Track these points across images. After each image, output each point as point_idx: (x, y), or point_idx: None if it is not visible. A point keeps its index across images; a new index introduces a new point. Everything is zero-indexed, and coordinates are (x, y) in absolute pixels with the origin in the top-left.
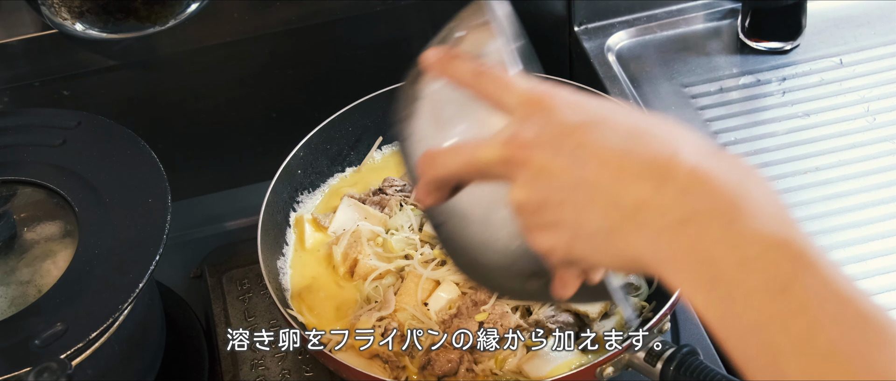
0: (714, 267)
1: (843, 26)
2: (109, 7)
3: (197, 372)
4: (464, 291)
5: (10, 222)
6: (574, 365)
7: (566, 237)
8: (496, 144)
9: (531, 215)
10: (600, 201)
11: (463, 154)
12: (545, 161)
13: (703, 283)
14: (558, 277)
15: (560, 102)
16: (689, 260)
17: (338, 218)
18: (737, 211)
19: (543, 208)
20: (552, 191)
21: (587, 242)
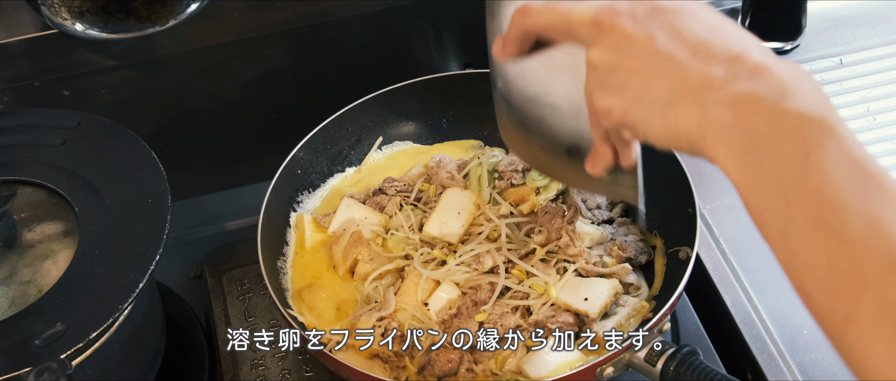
0: (754, 138)
1: (843, 26)
2: (109, 7)
3: (197, 372)
4: (464, 291)
5: (10, 222)
6: (574, 365)
7: (627, 101)
8: (591, 8)
9: (603, 74)
10: (670, 74)
11: (558, 12)
12: (631, 30)
13: (740, 150)
14: (594, 151)
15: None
16: (732, 132)
17: (338, 218)
18: (786, 94)
19: (616, 69)
20: (629, 57)
21: (645, 109)
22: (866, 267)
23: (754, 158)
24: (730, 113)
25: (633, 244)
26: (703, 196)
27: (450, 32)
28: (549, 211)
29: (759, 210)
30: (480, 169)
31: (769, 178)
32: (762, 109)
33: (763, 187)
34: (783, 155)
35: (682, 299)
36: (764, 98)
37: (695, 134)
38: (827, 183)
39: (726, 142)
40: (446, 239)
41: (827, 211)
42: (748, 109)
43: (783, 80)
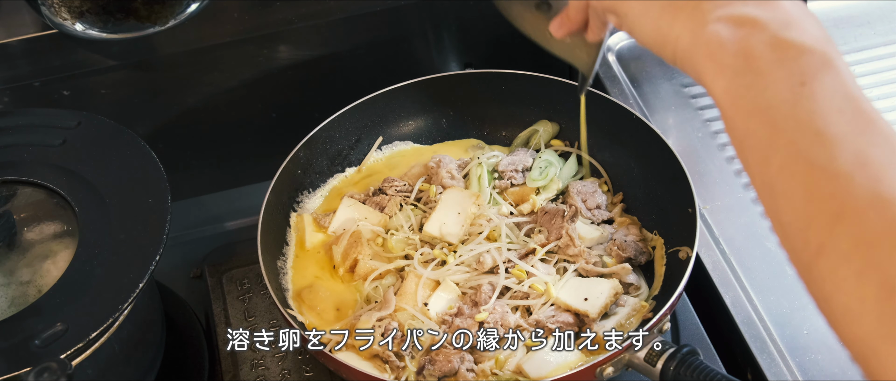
0: (749, 60)
1: (843, 26)
2: (109, 7)
3: (197, 372)
4: (464, 291)
5: (10, 222)
6: (574, 365)
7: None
8: None
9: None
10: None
11: None
12: None
13: (731, 71)
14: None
15: None
16: (727, 49)
17: (338, 218)
18: (790, 25)
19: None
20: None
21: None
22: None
23: (746, 80)
24: (729, 30)
25: (633, 244)
26: (703, 196)
27: (450, 32)
28: (549, 211)
29: (743, 133)
30: (480, 169)
31: (758, 102)
32: (763, 34)
33: (750, 110)
34: (777, 82)
35: (682, 299)
36: (766, 24)
37: (685, 43)
38: (818, 114)
39: (718, 59)
40: (446, 239)
41: (814, 141)
42: (749, 31)
43: (789, 12)
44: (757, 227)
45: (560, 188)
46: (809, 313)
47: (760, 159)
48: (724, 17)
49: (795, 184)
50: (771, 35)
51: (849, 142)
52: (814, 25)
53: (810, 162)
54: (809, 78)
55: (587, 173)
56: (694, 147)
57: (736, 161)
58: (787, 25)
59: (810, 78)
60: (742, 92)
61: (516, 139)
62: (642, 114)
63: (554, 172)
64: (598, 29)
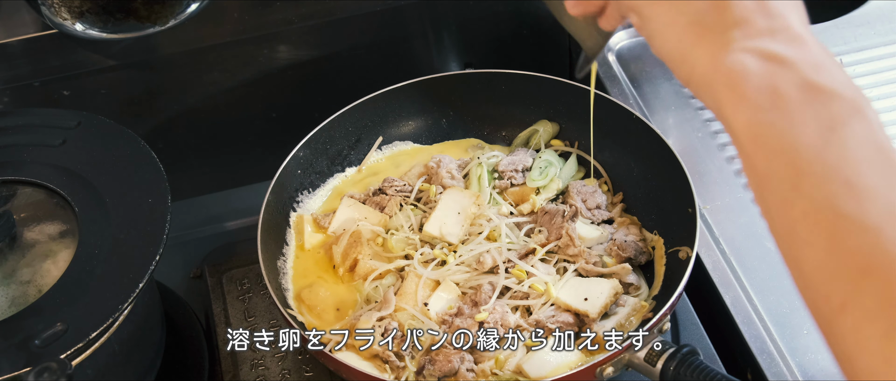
0: (775, 97)
1: (843, 26)
2: (109, 7)
3: (197, 372)
4: (464, 291)
5: (10, 222)
6: (574, 365)
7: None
8: None
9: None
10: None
11: None
12: None
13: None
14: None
15: None
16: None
17: (338, 218)
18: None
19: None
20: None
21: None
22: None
23: (770, 118)
24: (756, 63)
25: (633, 244)
26: (703, 196)
27: (450, 32)
28: (549, 211)
29: (764, 173)
30: (480, 169)
31: (783, 142)
32: (792, 74)
33: (773, 150)
34: (805, 124)
35: (682, 299)
36: (796, 64)
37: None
38: (847, 162)
39: (740, 91)
40: (446, 239)
41: (843, 189)
42: (778, 68)
43: (818, 55)
44: (757, 227)
45: (560, 188)
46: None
47: (782, 202)
48: (751, 49)
49: (819, 233)
50: (800, 76)
51: (879, 194)
52: (841, 71)
53: (837, 211)
54: (839, 124)
55: (592, 180)
56: (694, 147)
57: (736, 161)
58: (817, 68)
59: (840, 124)
60: (765, 129)
61: (516, 139)
62: (642, 114)
63: (554, 172)
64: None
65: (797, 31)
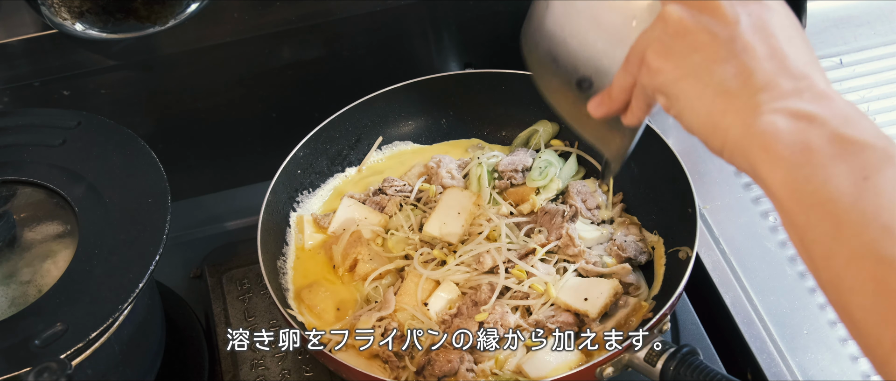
0: (808, 153)
1: (843, 26)
2: (109, 7)
3: (197, 372)
4: (464, 291)
5: (10, 222)
6: (574, 365)
7: (682, 71)
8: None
9: (670, 33)
10: (737, 65)
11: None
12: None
13: (789, 163)
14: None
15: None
16: (785, 142)
17: (338, 218)
18: (849, 123)
19: (687, 35)
20: (706, 29)
21: (697, 88)
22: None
23: (805, 173)
24: (786, 123)
25: (633, 244)
26: (703, 196)
27: (450, 32)
28: (549, 211)
29: (803, 227)
30: (480, 169)
31: (819, 195)
32: (822, 129)
33: (810, 204)
34: (838, 175)
35: (682, 299)
36: (825, 120)
37: (737, 133)
38: (884, 208)
39: (774, 151)
40: (446, 239)
41: (882, 235)
42: (807, 125)
43: (845, 110)
44: (757, 227)
45: (560, 188)
46: (809, 313)
47: (824, 253)
48: (781, 110)
49: (865, 279)
50: (830, 130)
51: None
52: (871, 124)
53: (879, 257)
54: (872, 172)
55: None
56: (694, 147)
57: None
58: (846, 121)
59: (873, 172)
60: (801, 185)
61: (516, 139)
62: None
63: (554, 172)
64: (639, 111)
65: (822, 88)
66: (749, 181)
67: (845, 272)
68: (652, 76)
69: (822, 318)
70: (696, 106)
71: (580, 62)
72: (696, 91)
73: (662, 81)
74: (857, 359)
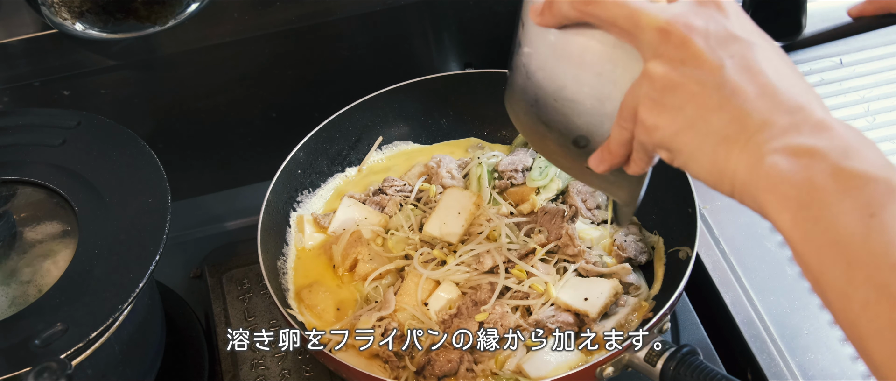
0: (812, 192)
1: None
2: (109, 7)
3: (197, 372)
4: (464, 291)
5: (10, 222)
6: (574, 365)
7: (678, 125)
8: (664, 14)
9: (659, 90)
10: (731, 110)
11: (626, 7)
12: (702, 51)
13: (795, 203)
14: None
15: (732, 10)
16: (788, 182)
17: (338, 218)
18: (849, 154)
19: (676, 89)
20: (693, 80)
21: (696, 139)
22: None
23: (812, 213)
24: (788, 162)
25: (633, 244)
26: (703, 196)
27: (450, 32)
28: (549, 211)
29: (817, 270)
30: (480, 169)
31: (828, 236)
32: (824, 164)
33: (821, 245)
34: (845, 213)
35: (682, 299)
36: (826, 153)
37: (743, 178)
38: (893, 246)
39: (780, 192)
40: (446, 239)
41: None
42: (809, 161)
43: (846, 139)
44: (757, 227)
45: (560, 188)
46: (809, 313)
47: (840, 296)
48: (781, 149)
49: (882, 325)
50: (832, 164)
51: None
52: (873, 151)
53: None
54: (878, 208)
55: None
56: None
57: None
58: (847, 154)
59: (879, 208)
60: (810, 225)
61: (516, 139)
62: None
63: (554, 172)
64: (642, 162)
65: (819, 117)
66: None
67: (862, 317)
68: (649, 134)
69: (822, 318)
70: (699, 157)
71: (571, 123)
72: (696, 143)
73: (660, 138)
74: (857, 359)
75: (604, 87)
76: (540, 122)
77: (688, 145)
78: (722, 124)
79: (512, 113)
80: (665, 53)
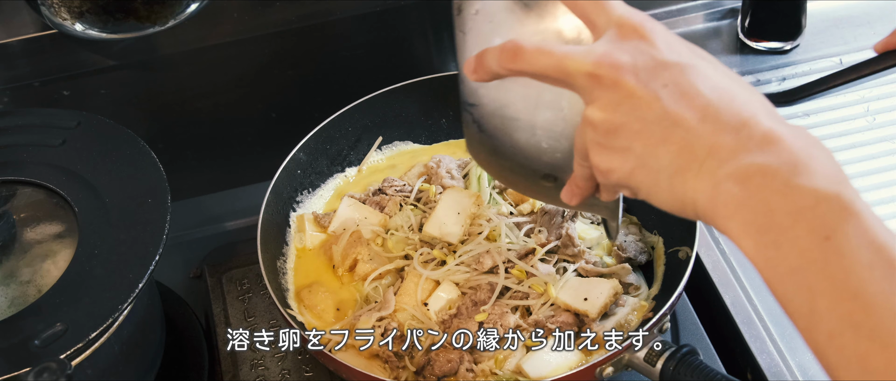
0: (768, 215)
1: (843, 26)
2: (109, 7)
3: (197, 372)
4: (463, 291)
5: (10, 222)
6: (574, 365)
7: (630, 164)
8: (589, 58)
9: (602, 134)
10: (676, 140)
11: (553, 57)
12: (634, 88)
13: (754, 229)
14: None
15: (657, 34)
16: (745, 207)
17: (338, 218)
18: (799, 169)
19: (618, 131)
20: (632, 118)
21: (650, 175)
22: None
23: (771, 238)
24: (740, 188)
25: (633, 244)
26: None
27: (450, 32)
28: (548, 211)
29: (783, 298)
30: (480, 169)
31: (789, 262)
32: (775, 183)
33: (784, 272)
34: (801, 237)
35: (682, 299)
36: (776, 172)
37: (704, 206)
38: (850, 273)
39: (739, 218)
40: (446, 239)
41: (854, 306)
42: (760, 183)
43: (794, 151)
44: None
45: None
46: None
47: (806, 325)
48: (733, 173)
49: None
50: (782, 183)
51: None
52: (823, 162)
53: (856, 330)
54: (832, 230)
55: None
56: None
57: None
58: (796, 169)
59: (833, 230)
60: (771, 252)
61: None
62: None
63: None
64: (611, 193)
65: (765, 129)
66: None
67: (828, 348)
68: (605, 176)
69: None
70: (658, 192)
71: (534, 164)
72: (652, 179)
73: (617, 179)
74: None
75: (556, 126)
76: (504, 168)
77: (644, 182)
78: (671, 157)
79: (477, 161)
80: (600, 98)
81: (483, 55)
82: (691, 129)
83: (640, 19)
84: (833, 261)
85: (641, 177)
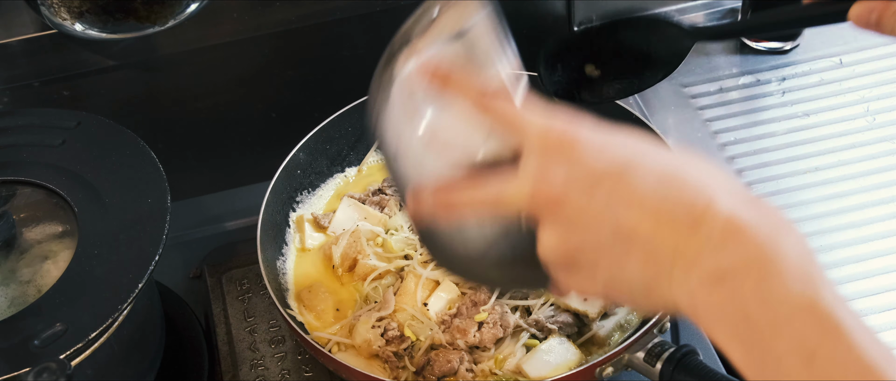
0: (749, 324)
1: (843, 26)
2: (109, 7)
3: (197, 372)
4: (463, 291)
5: (10, 222)
6: (574, 365)
7: (600, 284)
8: (524, 186)
9: (564, 261)
10: (638, 252)
11: (487, 194)
12: (579, 207)
13: (739, 340)
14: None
15: (582, 142)
16: (725, 315)
17: (338, 218)
18: (768, 267)
19: (577, 255)
20: (587, 238)
21: (624, 291)
22: None
23: (756, 353)
24: (714, 296)
25: None
26: None
27: None
28: None
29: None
30: None
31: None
32: (746, 289)
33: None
34: (786, 355)
35: None
36: (745, 274)
37: (688, 312)
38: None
39: (722, 327)
40: None
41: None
42: (732, 290)
43: (758, 243)
44: None
45: None
46: None
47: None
48: (703, 279)
49: None
50: (753, 289)
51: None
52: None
53: None
54: (815, 347)
55: None
56: (694, 147)
57: (737, 161)
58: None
59: (816, 347)
60: (758, 366)
61: None
62: (642, 114)
63: None
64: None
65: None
66: (749, 180)
67: None
68: (582, 293)
69: None
70: (635, 303)
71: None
72: (626, 292)
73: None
74: None
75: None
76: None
77: (620, 296)
78: (638, 270)
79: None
80: (548, 225)
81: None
82: (649, 237)
83: (561, 128)
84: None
85: (615, 294)
